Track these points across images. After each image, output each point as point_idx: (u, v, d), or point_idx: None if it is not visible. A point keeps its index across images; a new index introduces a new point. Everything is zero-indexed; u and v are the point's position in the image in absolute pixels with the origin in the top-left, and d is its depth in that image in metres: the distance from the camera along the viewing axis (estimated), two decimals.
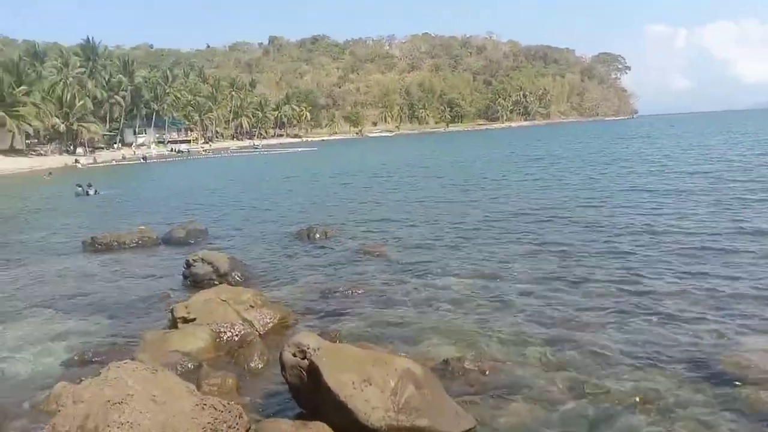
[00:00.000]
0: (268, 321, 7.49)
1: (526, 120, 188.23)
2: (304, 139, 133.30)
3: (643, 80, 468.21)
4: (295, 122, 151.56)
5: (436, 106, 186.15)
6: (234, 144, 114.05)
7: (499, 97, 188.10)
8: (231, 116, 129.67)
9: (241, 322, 7.20)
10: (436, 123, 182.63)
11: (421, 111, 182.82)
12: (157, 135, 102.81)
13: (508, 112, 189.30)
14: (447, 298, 8.78)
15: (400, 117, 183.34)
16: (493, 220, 15.21)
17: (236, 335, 7.04)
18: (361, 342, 6.55)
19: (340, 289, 9.38)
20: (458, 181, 26.80)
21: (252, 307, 7.50)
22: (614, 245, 11.39)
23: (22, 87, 65.99)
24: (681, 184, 19.94)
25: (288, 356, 4.88)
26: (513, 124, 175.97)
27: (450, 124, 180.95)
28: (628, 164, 29.68)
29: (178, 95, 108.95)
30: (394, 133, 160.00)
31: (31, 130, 68.17)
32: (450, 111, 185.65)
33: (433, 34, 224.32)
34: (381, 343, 6.91)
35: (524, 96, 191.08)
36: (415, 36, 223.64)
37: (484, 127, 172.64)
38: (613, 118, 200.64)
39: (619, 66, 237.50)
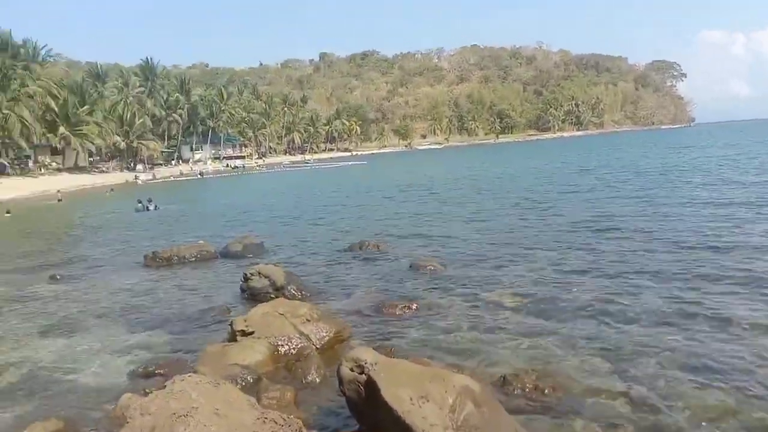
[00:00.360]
0: (324, 335, 7.57)
1: (578, 130, 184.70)
2: (354, 153, 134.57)
3: (699, 87, 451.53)
4: (345, 136, 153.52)
5: (486, 117, 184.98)
6: (286, 159, 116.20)
7: (551, 107, 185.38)
8: (283, 132, 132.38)
9: (298, 335, 7.30)
10: (486, 134, 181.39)
11: (470, 123, 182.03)
12: (213, 151, 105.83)
13: (559, 122, 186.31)
14: (503, 313, 8.68)
15: (449, 129, 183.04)
16: (546, 233, 15.02)
17: (293, 349, 7.13)
18: (418, 357, 6.54)
19: (394, 303, 9.39)
20: (509, 193, 26.52)
21: (308, 320, 7.60)
22: (673, 261, 11.01)
23: (85, 107, 69.22)
24: (742, 196, 19.14)
25: (345, 371, 4.92)
26: (565, 134, 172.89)
27: (500, 136, 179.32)
28: (684, 174, 28.70)
29: (233, 112, 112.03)
30: (443, 146, 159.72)
31: (93, 148, 71.33)
32: (500, 122, 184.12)
33: (481, 46, 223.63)
34: (437, 358, 6.89)
35: (576, 105, 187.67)
36: (464, 48, 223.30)
37: (535, 137, 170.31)
38: (670, 126, 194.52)
39: (675, 73, 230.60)
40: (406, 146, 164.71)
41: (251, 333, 7.29)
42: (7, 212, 32.40)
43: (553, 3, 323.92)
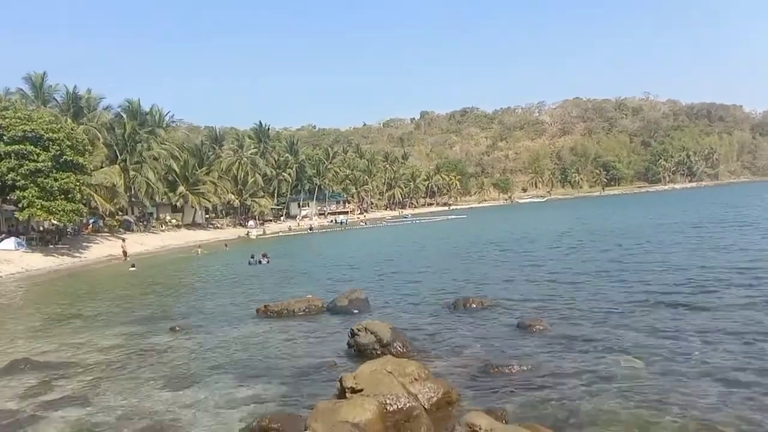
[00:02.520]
0: (433, 395, 7.49)
1: (691, 181, 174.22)
2: (451, 207, 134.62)
3: None
4: (444, 191, 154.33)
5: (591, 169, 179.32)
6: (388, 214, 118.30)
7: (660, 158, 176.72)
8: (385, 188, 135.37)
9: (406, 395, 7.26)
10: (591, 187, 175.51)
11: (574, 175, 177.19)
12: (318, 207, 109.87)
13: (670, 174, 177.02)
14: (617, 378, 8.23)
15: (552, 182, 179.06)
16: (661, 293, 14.10)
17: (402, 408, 7.08)
18: (531, 423, 6.33)
19: (502, 364, 9.15)
20: (620, 248, 25.31)
21: (416, 380, 7.56)
22: None
23: (203, 168, 74.63)
24: None
25: None
26: (676, 186, 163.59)
27: (606, 188, 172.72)
28: None
29: (338, 170, 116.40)
30: (545, 199, 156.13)
31: (209, 206, 76.29)
32: (606, 174, 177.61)
33: (584, 98, 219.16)
34: (550, 424, 6.61)
35: (688, 156, 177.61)
36: (566, 101, 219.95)
37: (644, 189, 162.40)
38: None
39: None
40: (506, 200, 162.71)
41: (360, 390, 7.35)
42: (132, 266, 35.11)
43: (658, 54, 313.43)
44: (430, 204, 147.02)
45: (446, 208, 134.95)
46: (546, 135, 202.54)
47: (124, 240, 48.27)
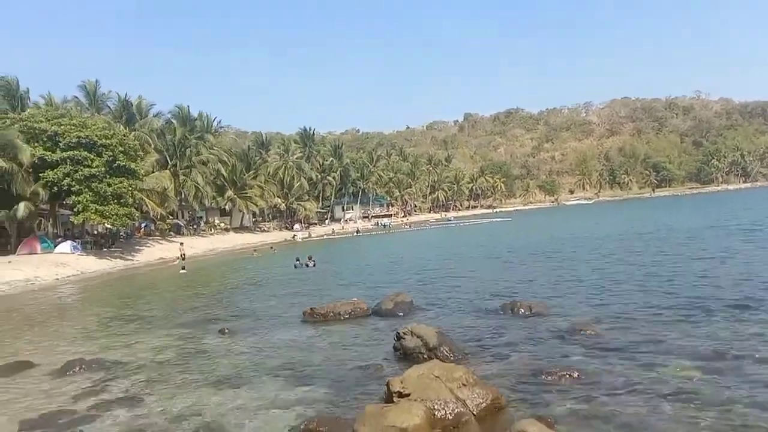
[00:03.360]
0: (481, 401, 7.36)
1: (745, 182, 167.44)
2: (495, 210, 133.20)
3: None
4: (489, 193, 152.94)
5: (640, 170, 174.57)
6: (431, 217, 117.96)
7: (713, 158, 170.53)
8: (428, 190, 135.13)
9: (454, 400, 7.17)
10: (641, 188, 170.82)
11: (622, 176, 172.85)
12: (362, 210, 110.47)
13: (723, 174, 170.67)
14: (671, 385, 7.95)
15: (600, 183, 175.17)
16: (718, 300, 13.44)
17: (450, 414, 7.01)
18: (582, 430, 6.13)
19: (551, 369, 8.94)
20: (671, 250, 24.50)
21: (464, 385, 7.45)
22: None
23: (250, 172, 75.99)
24: None
25: None
26: (730, 187, 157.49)
27: (656, 189, 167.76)
28: None
29: (381, 174, 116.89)
30: (593, 201, 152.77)
31: (257, 210, 77.59)
32: (656, 175, 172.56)
33: (633, 98, 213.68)
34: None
35: (742, 156, 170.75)
36: (614, 101, 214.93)
37: (696, 190, 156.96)
38: None
39: None
40: (552, 202, 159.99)
41: (407, 395, 7.29)
42: (183, 269, 35.93)
43: (709, 52, 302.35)
44: (474, 207, 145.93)
45: (490, 210, 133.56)
46: (593, 136, 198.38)
47: (182, 243, 49.44)
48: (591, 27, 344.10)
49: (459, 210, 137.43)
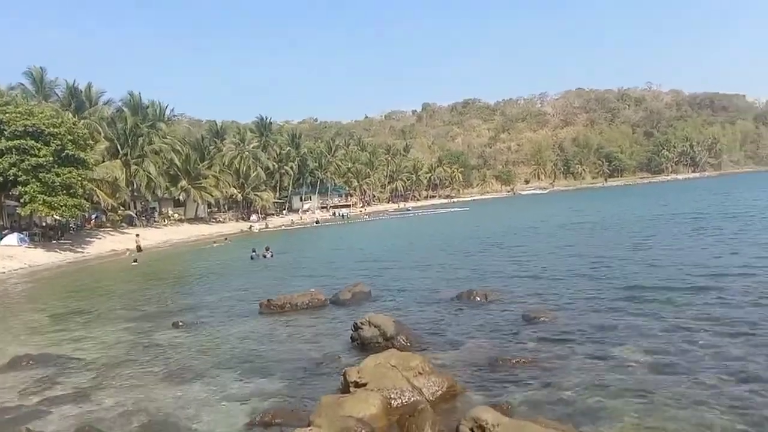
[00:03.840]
0: (437, 389, 7.44)
1: (694, 171, 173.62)
2: (453, 200, 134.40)
3: None
4: (447, 183, 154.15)
5: (593, 160, 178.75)
6: (390, 207, 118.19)
7: (663, 148, 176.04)
8: (387, 180, 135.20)
9: (410, 389, 7.21)
10: (594, 178, 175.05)
11: (576, 166, 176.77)
12: (321, 200, 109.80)
13: (673, 164, 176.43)
14: (623, 370, 8.19)
15: (554, 173, 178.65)
16: (665, 286, 13.82)
17: (406, 402, 7.05)
18: (535, 417, 6.25)
19: (507, 356, 9.10)
20: (621, 239, 25.23)
21: (420, 374, 7.51)
22: None
23: (205, 162, 74.42)
24: None
25: (465, 431, 4.77)
26: (679, 177, 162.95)
27: (609, 179, 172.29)
28: None
29: (339, 163, 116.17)
30: (548, 191, 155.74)
31: (212, 200, 76.18)
32: (608, 165, 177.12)
33: (586, 89, 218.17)
34: (554, 417, 6.54)
35: (691, 146, 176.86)
36: (568, 92, 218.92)
37: (646, 180, 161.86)
38: None
39: None
40: (509, 191, 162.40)
41: (364, 384, 7.30)
42: (134, 261, 35.10)
43: (660, 43, 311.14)
44: (432, 196, 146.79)
45: (448, 200, 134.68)
46: (548, 126, 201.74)
47: (137, 235, 48.11)
48: (547, 17, 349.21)
49: (417, 200, 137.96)
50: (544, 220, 43.19)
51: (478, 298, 13.86)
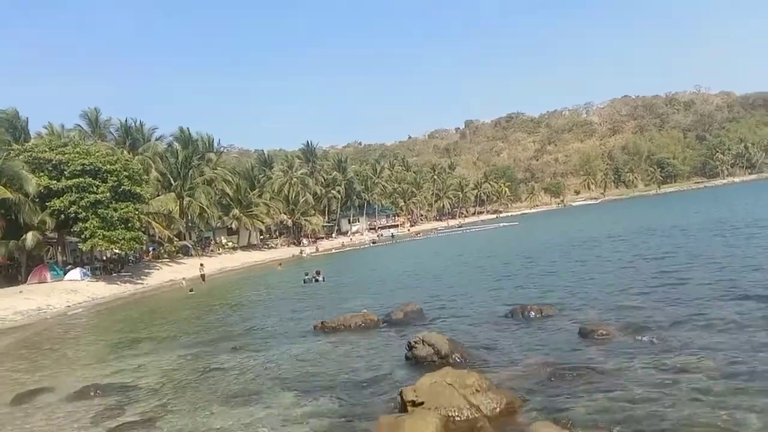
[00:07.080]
0: (495, 406, 7.35)
1: (751, 173, 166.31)
2: (498, 215, 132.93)
3: None
4: (494, 198, 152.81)
5: (644, 167, 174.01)
6: (438, 225, 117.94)
7: (717, 151, 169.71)
8: (433, 199, 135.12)
9: (468, 406, 7.16)
10: (646, 185, 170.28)
11: (627, 174, 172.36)
12: (368, 222, 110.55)
13: (728, 167, 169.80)
14: (684, 383, 7.87)
15: (605, 183, 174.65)
16: (730, 295, 13.27)
17: (464, 420, 7.01)
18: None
19: (564, 372, 8.93)
20: (681, 249, 24.39)
21: (477, 391, 7.45)
22: None
23: (255, 190, 76.25)
24: None
25: None
26: (736, 179, 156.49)
27: (662, 186, 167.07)
28: None
29: (385, 185, 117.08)
30: (599, 200, 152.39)
31: (263, 227, 77.73)
32: (661, 171, 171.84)
33: (633, 96, 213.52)
34: None
35: (746, 148, 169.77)
36: (614, 100, 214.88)
37: (702, 185, 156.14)
38: None
39: None
40: (558, 203, 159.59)
41: (421, 403, 7.29)
42: (191, 290, 36.03)
43: (708, 45, 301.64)
44: (480, 212, 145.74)
45: (495, 216, 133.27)
46: (596, 135, 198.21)
47: (202, 264, 49.35)
48: (589, 27, 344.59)
49: (465, 217, 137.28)
50: (597, 231, 42.17)
51: (534, 314, 13.65)
